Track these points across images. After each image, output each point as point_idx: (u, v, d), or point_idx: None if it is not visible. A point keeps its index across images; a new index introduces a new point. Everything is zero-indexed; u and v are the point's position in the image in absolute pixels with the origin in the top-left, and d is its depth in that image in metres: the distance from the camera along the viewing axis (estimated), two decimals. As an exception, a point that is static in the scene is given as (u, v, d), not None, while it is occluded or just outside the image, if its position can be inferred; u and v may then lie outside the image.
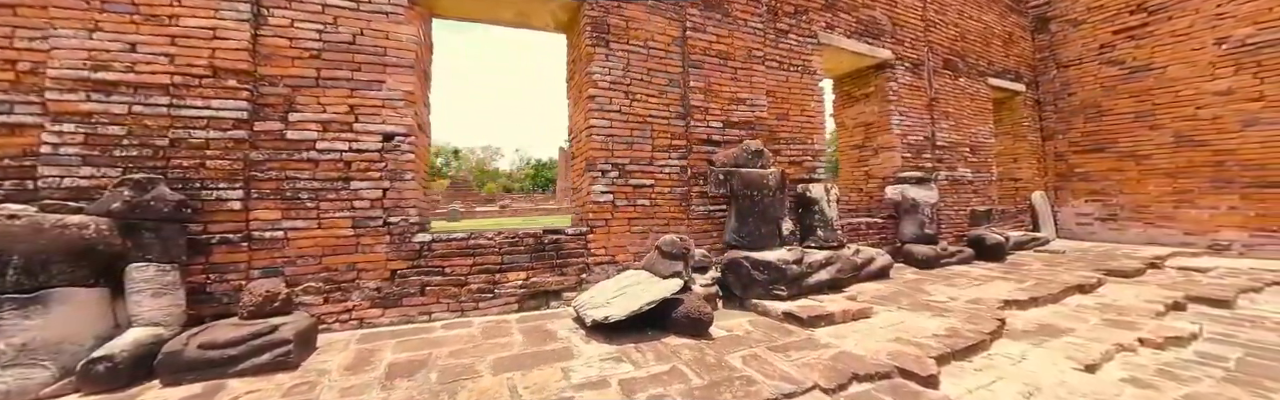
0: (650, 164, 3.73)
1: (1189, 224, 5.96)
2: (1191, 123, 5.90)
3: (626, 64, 3.67)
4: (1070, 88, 6.95)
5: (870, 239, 4.89)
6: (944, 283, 3.92)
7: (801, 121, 4.50)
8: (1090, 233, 6.83)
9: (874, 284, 3.86)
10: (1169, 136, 6.08)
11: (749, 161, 3.66)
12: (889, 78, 5.23)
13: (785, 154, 4.38)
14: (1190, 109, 5.91)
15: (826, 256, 3.39)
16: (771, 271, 3.16)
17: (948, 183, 5.63)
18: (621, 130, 3.63)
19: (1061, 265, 4.74)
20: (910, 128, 5.34)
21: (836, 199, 4.31)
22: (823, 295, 3.25)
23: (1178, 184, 6.04)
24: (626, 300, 2.66)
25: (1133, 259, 5.10)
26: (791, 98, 4.46)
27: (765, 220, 3.56)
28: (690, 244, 3.06)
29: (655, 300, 2.57)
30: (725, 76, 4.06)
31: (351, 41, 2.84)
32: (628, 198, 3.62)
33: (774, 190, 3.61)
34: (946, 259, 4.64)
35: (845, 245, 4.19)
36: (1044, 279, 4.00)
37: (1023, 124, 7.08)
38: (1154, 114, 6.20)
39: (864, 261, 3.98)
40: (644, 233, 3.67)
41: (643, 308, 2.53)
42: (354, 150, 2.80)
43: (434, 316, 2.92)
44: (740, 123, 4.09)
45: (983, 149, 6.22)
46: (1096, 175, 6.76)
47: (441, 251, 2.97)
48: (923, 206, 4.81)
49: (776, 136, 4.35)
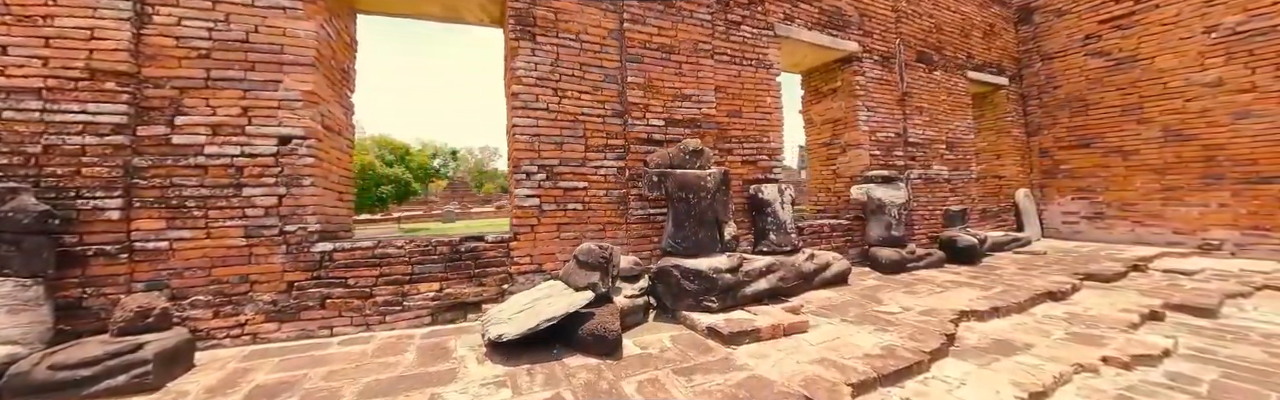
0: (583, 165, 3.53)
1: (1178, 222, 5.69)
2: (1180, 116, 5.62)
3: (555, 59, 3.47)
4: (1055, 81, 6.66)
5: (835, 242, 4.66)
6: (904, 290, 3.69)
7: (756, 118, 4.27)
8: (1076, 232, 6.56)
9: (827, 292, 3.65)
10: (1157, 130, 5.80)
11: (686, 162, 3.45)
12: (856, 72, 4.99)
13: (738, 153, 4.16)
14: (1179, 101, 5.62)
15: (768, 264, 3.18)
16: (702, 281, 2.94)
17: (921, 181, 5.39)
18: (549, 129, 3.43)
19: (1038, 268, 4.50)
20: (879, 124, 5.10)
21: (792, 200, 4.09)
22: (761, 306, 3.04)
23: (1166, 180, 5.76)
24: (527, 316, 2.46)
25: (1115, 261, 4.84)
26: (745, 93, 4.23)
27: (703, 225, 3.35)
28: (611, 252, 2.85)
29: (556, 316, 2.37)
30: (668, 71, 3.84)
31: (245, 39, 2.67)
32: (556, 201, 3.43)
33: (713, 192, 3.40)
34: (914, 263, 4.40)
35: (799, 250, 3.97)
36: (1014, 285, 3.77)
37: (1006, 119, 6.80)
38: (1141, 107, 5.91)
39: (818, 267, 3.76)
40: (575, 239, 3.47)
41: (540, 325, 2.32)
42: (246, 155, 2.64)
43: (336, 331, 2.73)
44: (685, 120, 3.88)
45: (961, 145, 5.96)
46: (1082, 172, 6.48)
47: (344, 261, 2.78)
48: (889, 207, 4.57)
49: (728, 135, 4.13)
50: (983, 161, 7.09)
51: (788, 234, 3.97)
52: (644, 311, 3.03)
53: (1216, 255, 5.34)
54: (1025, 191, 6.65)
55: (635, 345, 2.52)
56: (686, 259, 3.18)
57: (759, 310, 2.95)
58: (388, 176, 22.88)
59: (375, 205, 19.36)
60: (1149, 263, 4.94)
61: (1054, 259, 5.05)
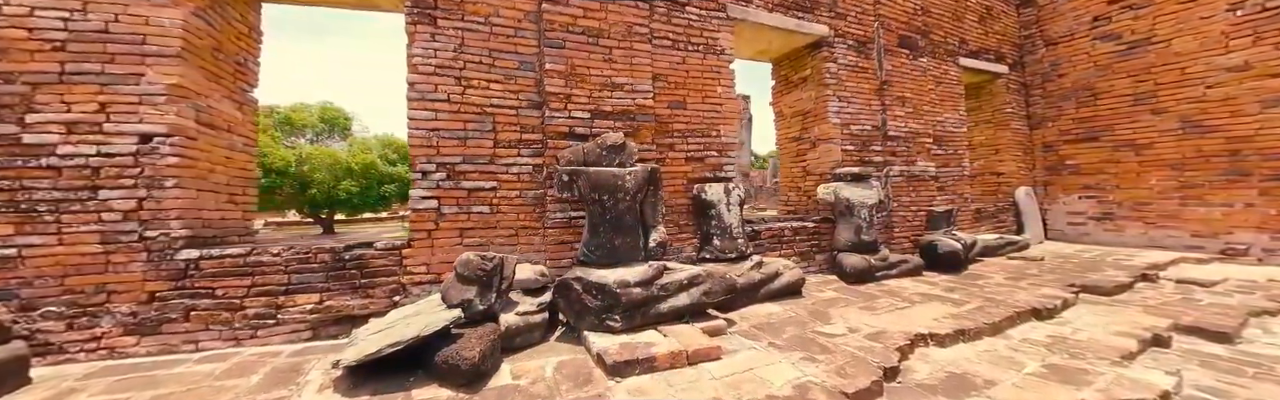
0: (491, 162, 3.14)
1: (1197, 224, 5.08)
2: (1200, 105, 5.00)
3: (460, 44, 3.09)
4: (1060, 68, 6.06)
5: (798, 247, 4.19)
6: (862, 304, 3.22)
7: (704, 110, 3.82)
8: (1083, 234, 5.96)
9: (773, 306, 3.20)
10: (1174, 121, 5.18)
11: (603, 158, 3.02)
12: (826, 58, 4.49)
13: (681, 149, 3.72)
14: (1199, 89, 5.00)
15: (691, 276, 2.74)
16: (605, 296, 2.52)
17: (903, 179, 4.87)
18: (451, 123, 3.06)
19: (1029, 278, 3.97)
20: (853, 116, 4.59)
21: (741, 201, 3.64)
22: (679, 325, 2.60)
23: (1184, 177, 5.15)
24: (381, 338, 2.09)
25: (1121, 269, 4.28)
26: (690, 82, 3.78)
27: (620, 230, 2.92)
28: (497, 263, 2.45)
29: (402, 341, 1.98)
30: (596, 58, 3.41)
31: (104, 30, 2.42)
32: (459, 204, 3.05)
33: (633, 193, 2.96)
34: (884, 271, 3.92)
35: (747, 256, 3.52)
36: (993, 299, 3.26)
37: (1005, 111, 6.21)
38: (1156, 95, 5.30)
39: (765, 277, 3.30)
40: (481, 245, 3.10)
41: (382, 351, 1.94)
42: (103, 155, 2.39)
43: (202, 346, 2.48)
44: (615, 112, 3.45)
45: (951, 139, 5.41)
46: (1090, 167, 5.88)
47: (212, 270, 2.51)
48: (858, 208, 4.08)
49: (668, 128, 3.69)
50: (979, 157, 6.52)
51: (733, 239, 3.53)
52: (545, 330, 2.63)
53: (1242, 261, 4.73)
54: (1026, 190, 6.07)
55: (511, 373, 2.14)
56: (599, 269, 2.77)
57: (673, 331, 2.51)
58: (391, 175, 23.00)
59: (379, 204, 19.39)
60: (1161, 271, 4.36)
61: (1051, 266, 4.51)
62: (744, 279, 3.21)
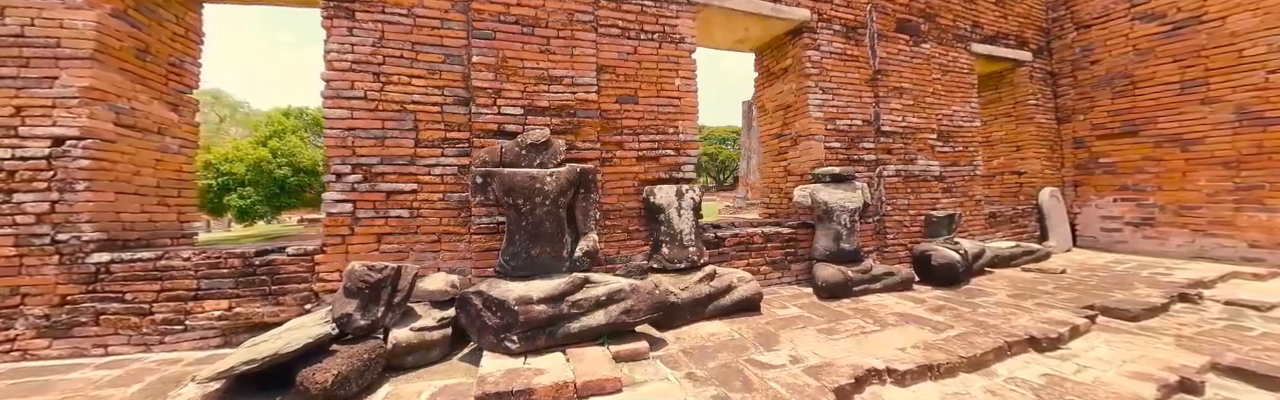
0: (412, 163, 2.91)
1: (1255, 232, 4.36)
2: (1261, 93, 4.28)
3: (379, 38, 2.89)
4: (1093, 53, 5.36)
5: (770, 255, 3.78)
6: (822, 326, 2.80)
7: (659, 105, 3.46)
8: (1118, 242, 5.26)
9: (720, 324, 2.82)
10: (1228, 112, 4.47)
11: (521, 158, 2.71)
12: (808, 45, 4.04)
13: (631, 147, 3.37)
14: (1258, 74, 4.28)
15: (611, 291, 2.40)
16: (504, 314, 2.23)
17: (899, 179, 4.36)
18: (368, 122, 2.85)
19: (1039, 296, 3.44)
20: (840, 109, 4.13)
21: (694, 205, 3.27)
22: (591, 347, 2.28)
23: (1241, 177, 4.43)
24: (249, 351, 1.89)
25: (1156, 286, 3.67)
26: (643, 74, 3.43)
27: (539, 238, 2.60)
28: (388, 274, 2.22)
29: (259, 359, 1.78)
30: (531, 49, 3.11)
31: (20, 34, 2.44)
32: (376, 207, 2.84)
33: (555, 196, 2.64)
34: (865, 285, 3.46)
35: (699, 266, 3.15)
36: (985, 324, 2.78)
37: (1028, 103, 5.55)
38: (1207, 83, 4.58)
39: (715, 291, 2.93)
40: (400, 253, 2.88)
41: (237, 369, 1.76)
42: (17, 158, 2.40)
43: (112, 350, 2.46)
44: (553, 107, 3.14)
45: (960, 135, 4.85)
46: (1127, 166, 5.17)
47: (123, 274, 2.47)
48: (837, 213, 3.63)
49: (617, 125, 3.35)
50: (998, 154, 5.88)
51: (684, 247, 3.16)
52: (448, 347, 2.38)
53: (1310, 277, 4.01)
54: (1051, 191, 5.41)
55: (387, 396, 1.91)
56: (509, 282, 2.48)
57: (580, 355, 2.19)
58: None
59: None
60: (1206, 289, 3.73)
61: (1072, 280, 3.93)
62: (688, 293, 2.85)
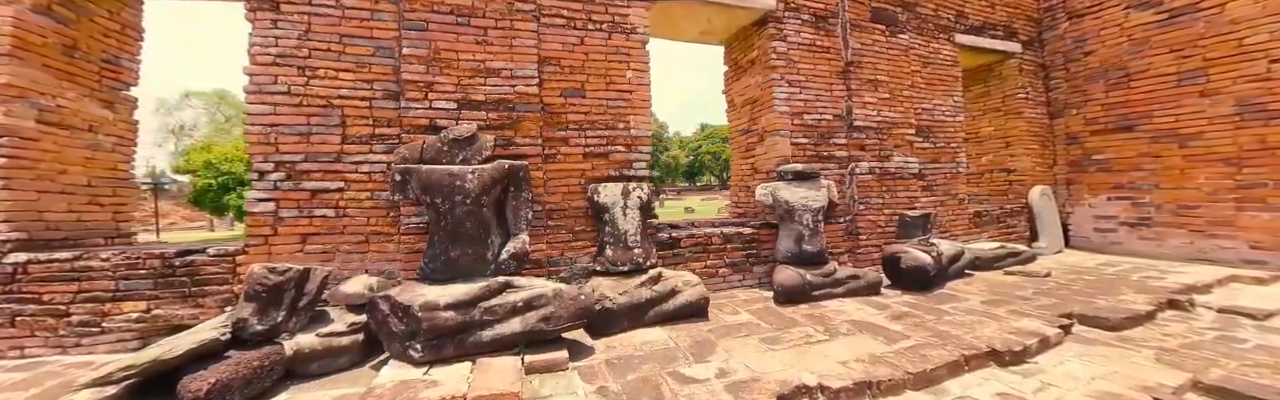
0: (338, 161, 2.76)
1: (1258, 233, 4.08)
2: (1263, 84, 4.00)
3: (305, 30, 2.75)
4: (1086, 44, 5.08)
5: (730, 257, 3.58)
6: (768, 334, 2.61)
7: (607, 98, 3.28)
8: (1113, 243, 4.98)
9: (660, 331, 2.63)
10: (1228, 105, 4.19)
11: (443, 154, 2.54)
12: (773, 35, 3.83)
13: (577, 143, 3.19)
14: (1262, 64, 4.00)
15: (530, 297, 2.22)
16: (409, 320, 2.07)
17: (873, 177, 4.14)
18: (292, 117, 2.72)
19: (1015, 302, 3.20)
20: (808, 103, 3.91)
21: (642, 204, 3.08)
22: (504, 357, 2.11)
23: (1243, 175, 4.15)
24: (133, 357, 1.78)
25: (1145, 291, 3.42)
26: (590, 66, 3.25)
27: (459, 239, 2.43)
28: (292, 277, 2.10)
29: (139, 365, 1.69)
30: (466, 40, 2.95)
31: None
32: (300, 206, 2.70)
33: (474, 195, 2.46)
34: (827, 289, 3.25)
35: (644, 269, 2.97)
36: (946, 334, 2.56)
37: (1017, 97, 5.28)
38: (1206, 74, 4.30)
39: (657, 295, 2.74)
40: (325, 253, 2.73)
41: (114, 376, 1.71)
42: None
43: (28, 353, 2.40)
44: (490, 102, 2.97)
45: (942, 130, 4.61)
46: (1122, 163, 4.89)
47: (40, 275, 2.40)
48: (799, 212, 3.43)
49: (561, 119, 3.17)
50: (987, 151, 5.62)
51: (628, 249, 2.98)
52: (359, 354, 2.25)
53: (1316, 281, 3.74)
54: (1042, 189, 5.14)
55: None
56: (426, 286, 2.32)
57: (489, 365, 2.02)
58: None
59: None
60: (1200, 294, 3.47)
61: (1055, 285, 3.69)
62: (626, 298, 2.67)
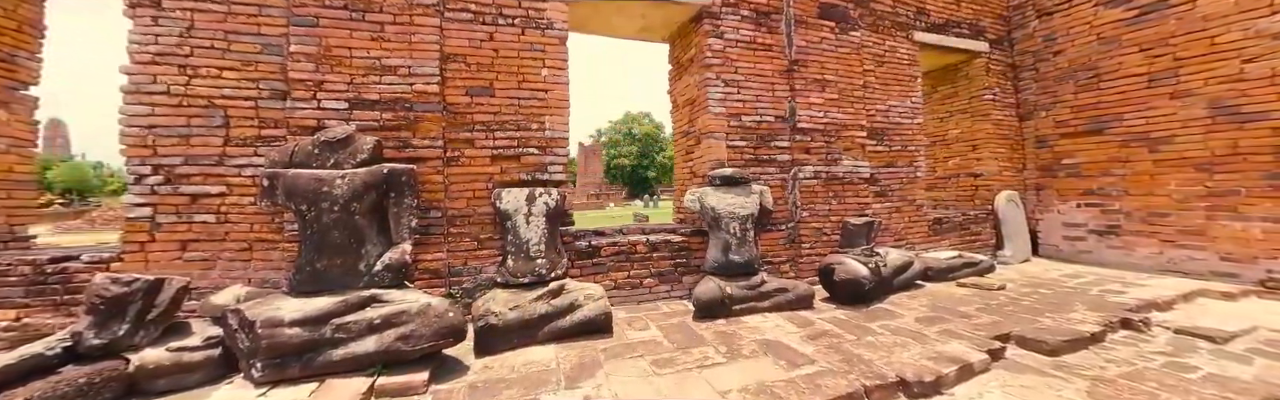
0: (221, 163, 2.61)
1: (1229, 244, 3.83)
2: (1236, 85, 3.76)
3: (188, 27, 2.61)
4: (1056, 43, 4.83)
5: (657, 266, 3.38)
6: (666, 354, 2.40)
7: (520, 97, 3.09)
8: (1082, 252, 4.74)
9: (551, 350, 2.44)
10: (1201, 107, 3.94)
11: (313, 157, 2.37)
12: (709, 32, 3.63)
13: (484, 145, 3.01)
14: (1233, 64, 3.76)
15: (390, 313, 2.04)
16: (252, 337, 1.90)
17: (818, 182, 3.92)
18: (172, 118, 2.58)
19: (953, 320, 2.97)
20: (748, 104, 3.71)
21: (548, 211, 2.90)
22: (355, 378, 1.93)
23: (1215, 181, 3.91)
24: None
25: (1101, 308, 3.19)
26: (500, 63, 3.06)
27: (324, 250, 2.25)
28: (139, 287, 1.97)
29: None
30: (361, 36, 2.77)
31: None
32: (179, 212, 2.55)
33: (344, 202, 2.28)
34: (752, 302, 3.04)
35: (547, 280, 2.78)
36: (858, 358, 2.33)
37: (984, 98, 5.04)
38: (1177, 74, 4.06)
39: (553, 311, 2.55)
40: (207, 261, 2.58)
41: None
42: None
43: None
44: (386, 101, 2.79)
45: (898, 132, 4.39)
46: (1092, 168, 4.65)
47: None
48: (726, 220, 3.23)
49: (467, 120, 2.99)
50: (955, 154, 5.38)
51: (530, 259, 2.79)
52: (214, 369, 2.07)
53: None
54: (1009, 194, 4.90)
55: None
56: (295, 299, 2.14)
57: (331, 388, 1.85)
58: None
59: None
60: (1160, 311, 3.24)
61: (1007, 299, 3.46)
62: (517, 314, 2.48)
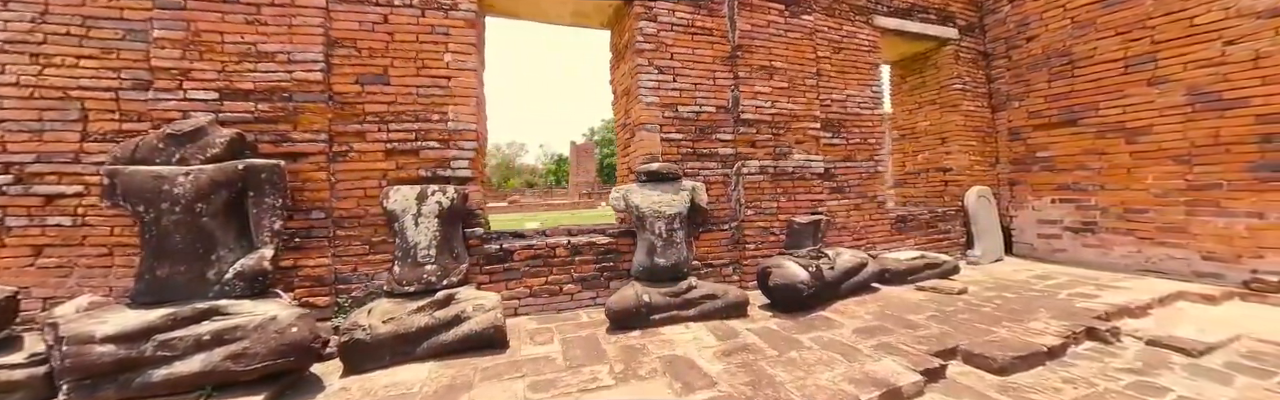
0: (77, 161, 2.38)
1: (1211, 241, 3.54)
2: (1216, 69, 3.45)
3: (42, 12, 2.39)
4: (1029, 29, 4.53)
5: (580, 271, 3.11)
6: (553, 373, 2.14)
7: (419, 86, 2.82)
8: (1057, 250, 4.44)
9: (427, 367, 2.17)
10: (1179, 94, 3.64)
11: (158, 153, 2.11)
12: (640, 15, 3.35)
13: (377, 138, 2.74)
14: (1214, 46, 3.46)
15: (221, 329, 1.78)
16: (63, 356, 1.65)
17: (766, 177, 3.64)
18: (22, 112, 2.35)
19: (896, 330, 2.68)
20: (685, 93, 3.43)
21: (441, 211, 2.63)
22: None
23: (1195, 174, 3.61)
24: None
25: (1067, 315, 2.88)
26: (397, 49, 2.79)
27: (164, 255, 1.99)
28: None
29: None
30: (235, 19, 2.51)
31: None
32: (31, 214, 2.33)
33: (187, 202, 2.02)
34: (673, 311, 2.77)
35: (437, 288, 2.52)
36: (767, 382, 2.01)
37: (953, 88, 4.74)
38: (1155, 59, 3.76)
39: (435, 323, 2.29)
40: (64, 267, 2.36)
41: None
42: None
43: None
44: (261, 90, 2.53)
45: (857, 124, 4.10)
46: (1066, 161, 4.35)
47: None
48: (651, 220, 2.95)
49: (358, 111, 2.72)
50: (924, 147, 5.08)
51: (418, 265, 2.52)
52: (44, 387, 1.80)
53: (1273, 300, 3.18)
54: (980, 190, 4.61)
55: None
56: (131, 311, 1.89)
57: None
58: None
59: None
60: (1134, 318, 2.95)
61: (964, 304, 3.17)
62: (390, 327, 2.21)
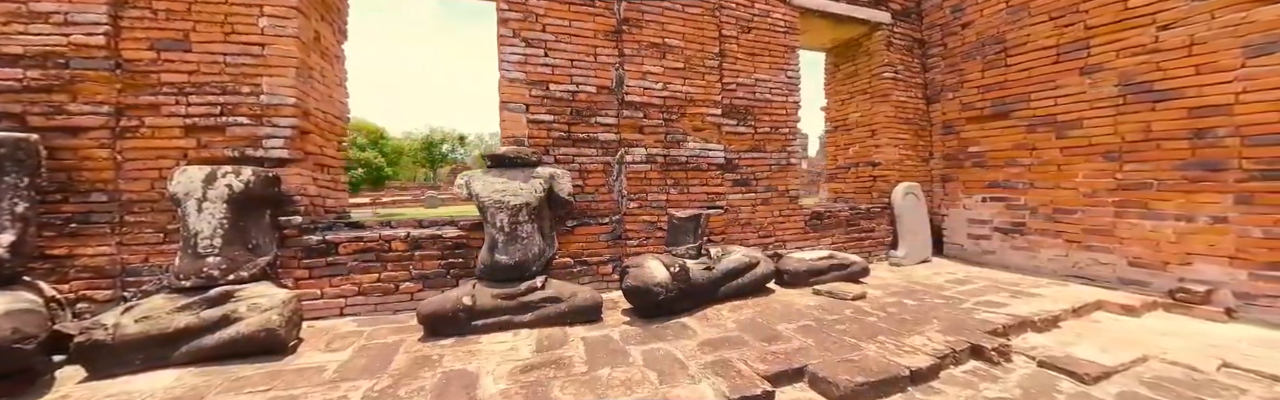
0: None
1: (1138, 246, 3.23)
2: (1149, 58, 3.13)
3: None
4: (964, 14, 4.19)
5: (422, 267, 2.76)
6: (298, 389, 1.80)
7: (227, 53, 2.46)
8: (987, 252, 4.14)
9: (173, 375, 1.82)
10: (1112, 84, 3.32)
11: None
12: (511, -17, 3.00)
13: (173, 112, 2.39)
14: (1149, 31, 3.14)
15: None
16: None
17: (653, 167, 3.31)
18: None
19: (750, 343, 2.35)
20: (557, 69, 3.08)
21: (231, 196, 2.28)
22: None
23: (1125, 172, 3.30)
24: None
25: (960, 328, 2.56)
26: (201, 10, 2.43)
27: None
28: None
29: None
30: (-22, -37, 2.15)
31: None
32: None
33: None
34: (506, 315, 2.43)
35: (219, 283, 2.18)
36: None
37: (884, 76, 4.41)
38: (1088, 46, 3.43)
39: (204, 323, 1.95)
40: None
41: None
42: None
43: None
44: (32, 56, 2.19)
45: (768, 112, 3.76)
46: (997, 157, 4.03)
47: None
48: (493, 211, 2.62)
49: (150, 80, 2.37)
50: (855, 140, 4.76)
51: (200, 257, 2.18)
52: None
53: (1199, 313, 2.88)
54: (908, 187, 4.29)
55: None
56: None
57: None
58: (358, 161, 22.15)
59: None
60: (1040, 331, 2.63)
61: (852, 312, 2.85)
62: (142, 326, 1.87)
